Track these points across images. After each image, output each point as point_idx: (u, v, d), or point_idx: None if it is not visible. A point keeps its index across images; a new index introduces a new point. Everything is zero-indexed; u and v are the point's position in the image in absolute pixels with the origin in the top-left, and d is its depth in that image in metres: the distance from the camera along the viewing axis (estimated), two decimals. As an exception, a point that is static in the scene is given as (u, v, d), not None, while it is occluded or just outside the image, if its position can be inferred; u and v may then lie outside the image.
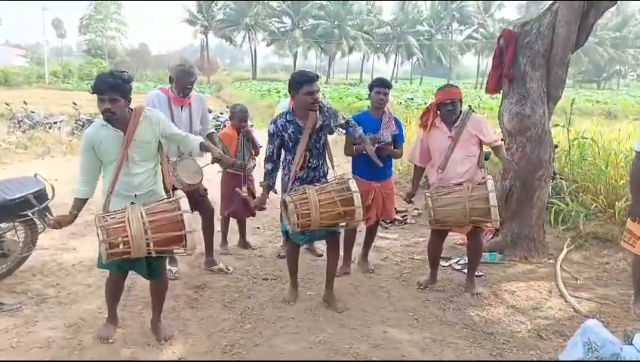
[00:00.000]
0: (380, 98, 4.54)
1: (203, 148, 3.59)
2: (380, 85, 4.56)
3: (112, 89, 3.04)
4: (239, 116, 5.05)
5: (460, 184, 4.11)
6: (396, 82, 61.59)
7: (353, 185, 3.66)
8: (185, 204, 3.08)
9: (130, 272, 3.50)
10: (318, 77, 3.84)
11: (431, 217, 4.11)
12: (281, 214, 3.89)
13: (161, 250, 3.10)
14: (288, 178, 3.87)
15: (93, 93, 3.08)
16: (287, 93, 4.88)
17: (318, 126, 3.84)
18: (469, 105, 4.43)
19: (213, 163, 3.74)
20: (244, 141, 5.07)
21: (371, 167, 4.50)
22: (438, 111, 4.29)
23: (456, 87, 4.41)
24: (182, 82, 4.27)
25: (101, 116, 3.17)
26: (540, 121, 5.18)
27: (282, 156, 3.98)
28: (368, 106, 4.80)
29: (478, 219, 4.06)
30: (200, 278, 4.59)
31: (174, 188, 3.52)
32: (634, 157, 4.06)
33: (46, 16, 50.94)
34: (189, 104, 4.38)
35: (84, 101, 17.69)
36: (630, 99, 40.83)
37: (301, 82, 3.74)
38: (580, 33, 5.16)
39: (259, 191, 4.92)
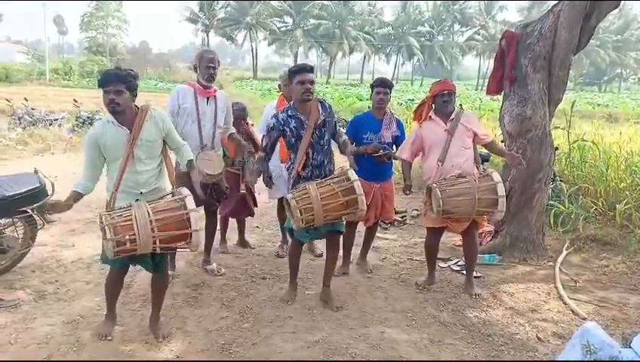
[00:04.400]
0: (380, 98, 4.54)
1: (188, 166, 3.53)
2: (380, 85, 4.56)
3: (117, 79, 3.10)
4: (237, 114, 5.02)
5: (463, 176, 4.11)
6: (397, 83, 61.45)
7: (352, 174, 3.68)
8: (191, 202, 3.10)
9: (129, 270, 3.51)
10: (312, 68, 3.88)
11: (439, 208, 4.00)
12: (279, 213, 3.90)
13: (166, 246, 3.12)
14: (292, 177, 3.87)
15: (99, 88, 3.12)
16: (279, 88, 4.91)
17: (320, 121, 3.85)
18: (460, 104, 4.46)
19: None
20: (244, 139, 5.05)
21: (371, 167, 4.51)
22: (433, 105, 4.31)
23: (451, 81, 4.42)
24: (204, 61, 4.24)
25: (104, 115, 3.19)
26: (540, 123, 5.18)
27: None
28: (369, 107, 4.80)
29: (484, 210, 4.07)
30: (199, 277, 4.58)
31: (184, 182, 3.51)
32: None
33: (47, 13, 50.88)
34: (215, 97, 4.36)
35: (84, 98, 17.72)
36: (631, 102, 40.78)
37: (294, 72, 3.84)
38: (582, 35, 5.16)
39: (258, 188, 4.93)
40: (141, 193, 3.27)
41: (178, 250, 3.65)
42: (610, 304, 4.34)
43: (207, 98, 4.32)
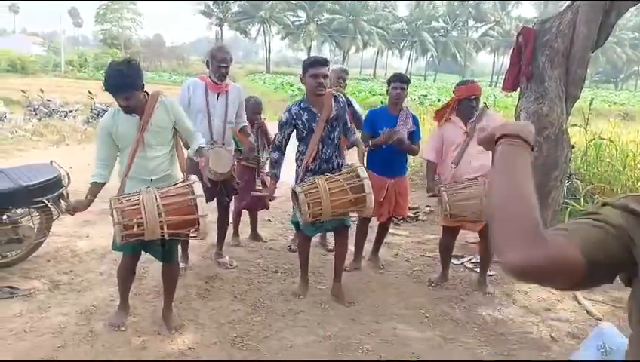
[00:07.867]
0: (397, 93, 4.51)
1: (198, 152, 3.55)
2: (398, 80, 4.53)
3: (125, 88, 3.09)
4: (252, 108, 5.02)
5: (475, 179, 4.07)
6: (410, 78, 61.15)
7: (363, 172, 3.66)
8: (199, 188, 3.10)
9: (141, 261, 3.53)
10: (326, 61, 3.83)
11: (446, 211, 4.03)
12: (293, 206, 3.90)
13: (174, 232, 3.12)
14: (300, 169, 3.87)
15: (105, 90, 3.11)
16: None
17: (332, 115, 3.84)
18: (484, 103, 4.41)
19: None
20: (258, 133, 5.05)
21: (385, 162, 4.48)
22: (457, 107, 4.25)
23: (476, 81, 4.33)
24: (216, 59, 4.20)
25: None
26: (557, 120, 5.12)
27: (295, 147, 3.99)
28: (382, 102, 4.77)
29: None
30: (211, 269, 4.60)
31: (195, 172, 3.54)
32: None
33: (62, 5, 51.26)
34: (226, 92, 4.34)
35: (99, 90, 17.77)
36: (648, 100, 40.22)
37: (308, 65, 3.80)
38: (601, 32, 5.08)
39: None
40: (151, 180, 3.30)
41: (187, 238, 3.67)
42: (625, 304, 4.27)
43: (218, 93, 4.31)
